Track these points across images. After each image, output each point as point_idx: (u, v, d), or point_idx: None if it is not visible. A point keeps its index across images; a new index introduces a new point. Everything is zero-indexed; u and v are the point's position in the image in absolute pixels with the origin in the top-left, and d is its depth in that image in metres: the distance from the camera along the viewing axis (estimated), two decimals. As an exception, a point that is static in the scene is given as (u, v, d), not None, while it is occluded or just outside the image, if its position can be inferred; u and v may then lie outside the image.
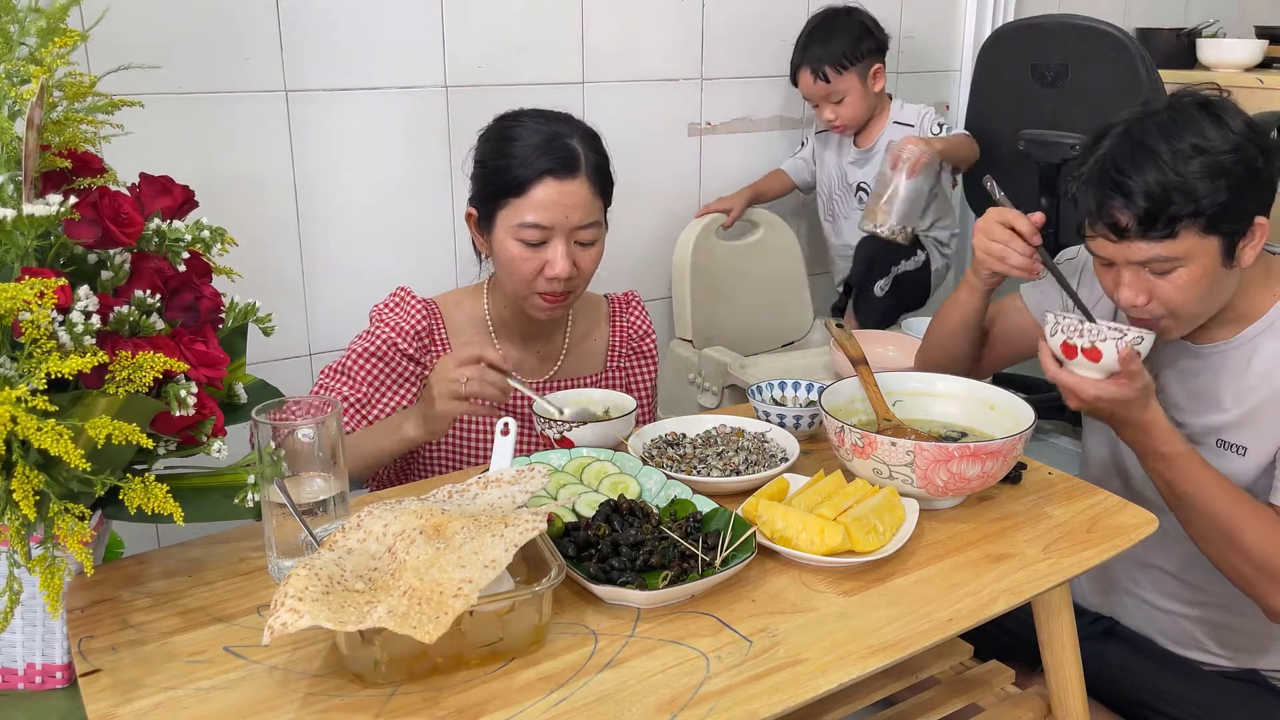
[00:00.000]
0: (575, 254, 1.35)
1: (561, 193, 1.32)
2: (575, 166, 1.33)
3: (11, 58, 0.91)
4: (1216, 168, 1.18)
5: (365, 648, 0.82)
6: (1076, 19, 2.17)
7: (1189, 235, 1.20)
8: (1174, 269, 1.23)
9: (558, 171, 1.32)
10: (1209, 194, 1.18)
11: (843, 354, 1.38)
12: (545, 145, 1.33)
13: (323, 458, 0.97)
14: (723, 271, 2.32)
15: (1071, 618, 1.14)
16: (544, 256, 1.34)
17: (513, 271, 1.36)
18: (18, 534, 0.82)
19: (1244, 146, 1.20)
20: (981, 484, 1.10)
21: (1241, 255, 1.24)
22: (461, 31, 1.94)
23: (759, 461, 1.21)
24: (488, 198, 1.37)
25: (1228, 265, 1.23)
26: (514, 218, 1.33)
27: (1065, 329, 1.22)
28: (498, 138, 1.37)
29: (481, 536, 0.87)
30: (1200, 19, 2.92)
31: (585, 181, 1.34)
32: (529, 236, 1.33)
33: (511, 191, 1.33)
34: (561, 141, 1.34)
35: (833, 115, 2.29)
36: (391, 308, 1.44)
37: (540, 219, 1.32)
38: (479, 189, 1.39)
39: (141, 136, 1.16)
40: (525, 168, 1.32)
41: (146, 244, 0.95)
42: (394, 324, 1.42)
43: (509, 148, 1.34)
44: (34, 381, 0.79)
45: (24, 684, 0.95)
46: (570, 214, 1.33)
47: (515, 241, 1.34)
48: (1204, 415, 1.35)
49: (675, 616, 0.93)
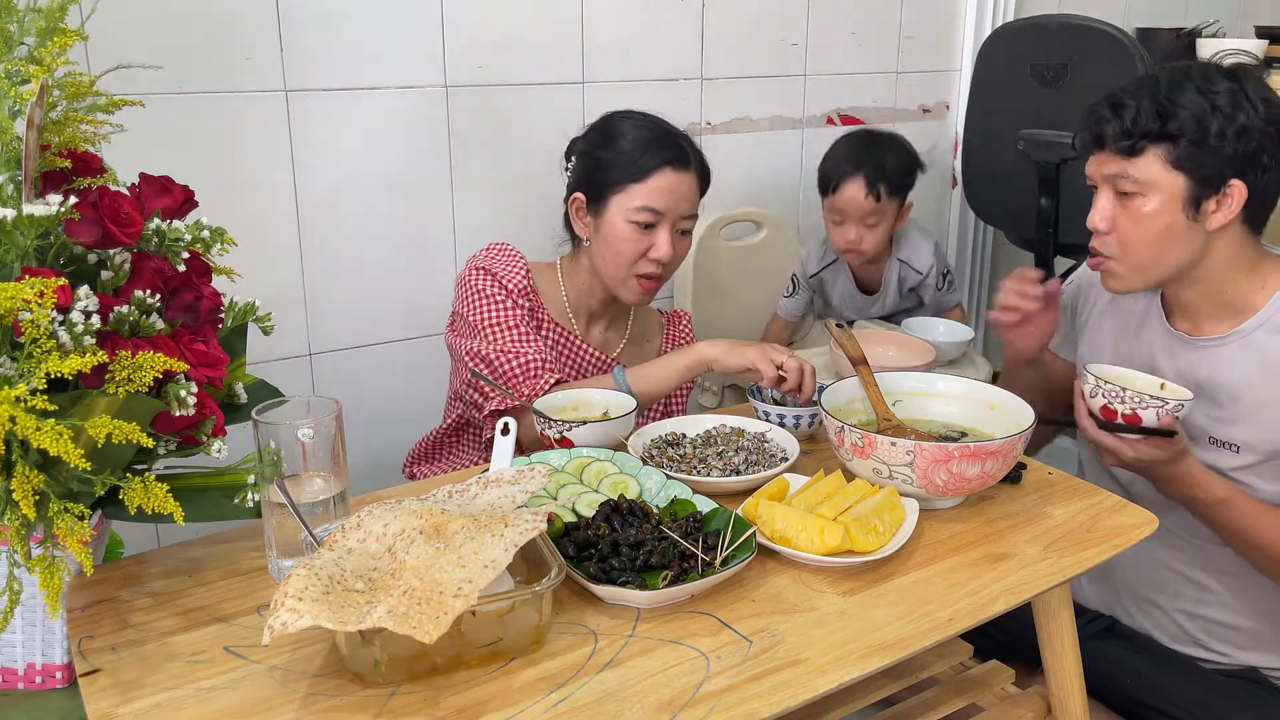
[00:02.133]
0: (675, 241, 1.50)
1: (677, 181, 1.48)
2: (689, 160, 1.50)
3: (11, 57, 0.91)
4: (1204, 106, 1.22)
5: (365, 648, 0.82)
6: (1076, 19, 2.17)
7: (1154, 161, 1.24)
8: (1135, 196, 1.26)
9: (676, 163, 1.48)
10: (1185, 124, 1.22)
11: (843, 354, 1.38)
12: (663, 139, 1.49)
13: (323, 458, 0.97)
14: (723, 272, 2.32)
15: (1071, 617, 1.14)
16: (650, 240, 1.48)
17: (620, 252, 1.49)
18: (18, 534, 0.82)
19: (1245, 106, 1.21)
20: (981, 484, 1.10)
21: (1208, 214, 1.24)
22: (461, 31, 1.94)
23: (759, 461, 1.21)
24: (605, 182, 1.49)
25: (1190, 217, 1.25)
26: (630, 201, 1.47)
27: (1106, 393, 1.25)
28: (610, 132, 1.51)
29: (481, 536, 0.87)
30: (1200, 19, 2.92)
31: (694, 175, 1.51)
32: (643, 219, 1.47)
33: (631, 177, 1.47)
34: (676, 138, 1.50)
35: (856, 238, 2.11)
36: (499, 255, 1.54)
37: (656, 204, 1.47)
38: (592, 174, 1.51)
39: (141, 136, 1.16)
40: (647, 157, 1.47)
41: (146, 244, 0.95)
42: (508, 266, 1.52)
43: (624, 141, 1.49)
44: (34, 381, 0.79)
45: (24, 684, 0.95)
46: (680, 203, 1.49)
47: (628, 224, 1.47)
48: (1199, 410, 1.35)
49: (675, 616, 0.93)
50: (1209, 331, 1.34)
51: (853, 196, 2.09)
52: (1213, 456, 1.34)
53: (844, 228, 2.13)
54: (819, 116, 2.51)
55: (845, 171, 2.10)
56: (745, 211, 2.35)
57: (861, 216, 2.10)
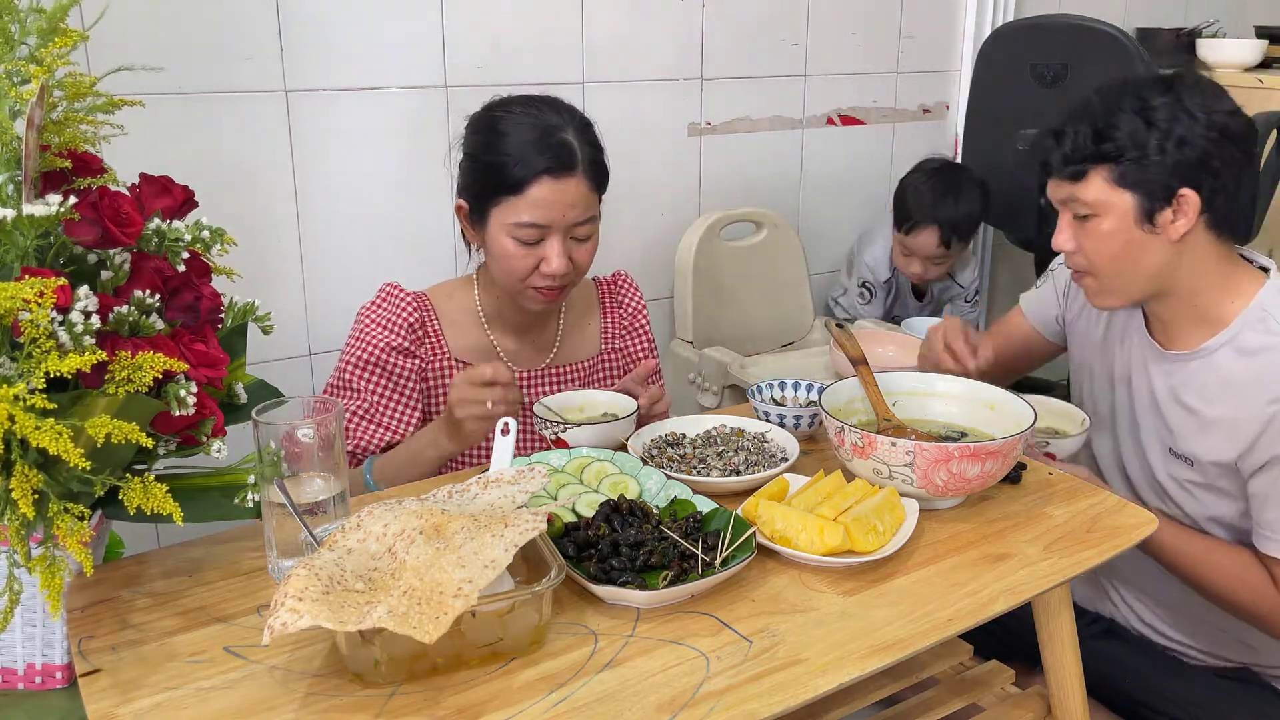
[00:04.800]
0: (571, 249, 1.33)
1: (559, 192, 1.29)
2: (572, 164, 1.30)
3: (12, 57, 0.91)
4: (1138, 124, 1.23)
5: (365, 648, 0.82)
6: (1076, 19, 2.17)
7: (1099, 182, 1.26)
8: (1091, 217, 1.28)
9: (555, 170, 1.28)
10: (1122, 144, 1.23)
11: (843, 354, 1.38)
12: (541, 142, 1.29)
13: (323, 458, 0.97)
14: (724, 272, 2.32)
15: (1071, 617, 1.14)
16: (540, 254, 1.32)
17: (508, 268, 1.34)
18: (18, 534, 0.82)
19: (1183, 117, 1.22)
20: (981, 484, 1.10)
21: (1166, 225, 1.25)
22: (461, 31, 1.94)
23: (759, 461, 1.21)
24: (481, 193, 1.33)
25: (1146, 229, 1.26)
26: (509, 216, 1.30)
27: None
28: (489, 130, 1.33)
29: (481, 536, 0.87)
30: (1200, 19, 2.92)
31: (582, 178, 1.31)
32: (525, 235, 1.31)
33: (507, 190, 1.29)
34: (557, 137, 1.30)
35: (921, 271, 2.33)
36: (380, 306, 1.42)
37: (537, 218, 1.29)
38: (471, 183, 1.36)
39: (141, 136, 1.16)
40: (521, 166, 1.28)
41: (146, 244, 0.95)
42: (384, 322, 1.40)
43: (502, 143, 1.30)
44: (33, 381, 0.79)
45: (24, 684, 0.95)
46: (567, 212, 1.30)
47: (510, 240, 1.31)
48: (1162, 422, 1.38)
49: (675, 616, 0.93)
50: (1180, 344, 1.34)
51: (926, 242, 2.27)
52: (1173, 468, 1.37)
53: (911, 259, 2.32)
54: (819, 116, 2.51)
55: (922, 219, 2.25)
56: (745, 211, 2.36)
57: (930, 258, 2.30)
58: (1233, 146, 1.23)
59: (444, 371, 1.44)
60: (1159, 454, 1.39)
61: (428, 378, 1.43)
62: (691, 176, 2.35)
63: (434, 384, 1.44)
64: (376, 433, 1.39)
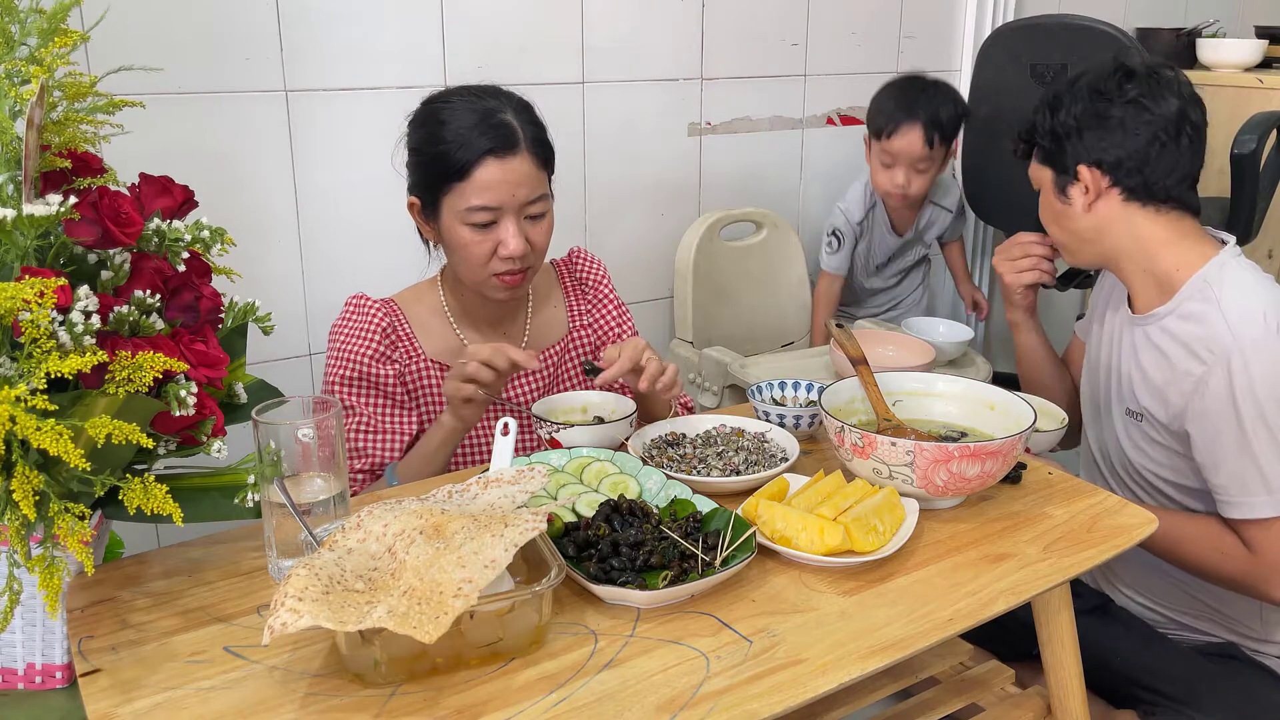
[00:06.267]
0: (527, 230, 1.34)
1: (505, 171, 1.30)
2: (515, 142, 1.31)
3: (12, 58, 0.91)
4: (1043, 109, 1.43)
5: (365, 648, 0.82)
6: (1076, 19, 2.17)
7: (1034, 160, 1.47)
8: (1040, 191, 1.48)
9: (498, 150, 1.29)
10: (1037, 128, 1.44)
11: (843, 354, 1.38)
12: (481, 124, 1.30)
13: (323, 458, 0.97)
14: (724, 272, 2.32)
15: (1071, 618, 1.14)
16: (496, 237, 1.32)
17: (466, 257, 1.34)
18: (18, 534, 0.82)
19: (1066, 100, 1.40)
20: (981, 484, 1.10)
21: (1076, 198, 1.41)
22: (461, 31, 1.94)
23: (759, 461, 1.21)
24: (430, 185, 1.34)
25: (1063, 201, 1.43)
26: (460, 203, 1.31)
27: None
28: (430, 122, 1.34)
29: (481, 536, 0.87)
30: (1200, 19, 2.92)
31: (527, 156, 1.32)
32: (478, 219, 1.31)
33: (453, 176, 1.30)
34: (497, 118, 1.31)
35: (905, 181, 2.22)
36: (349, 319, 1.42)
37: (487, 200, 1.30)
38: (419, 177, 1.37)
39: (141, 136, 1.16)
40: (464, 150, 1.29)
41: (146, 244, 0.95)
42: (358, 332, 1.40)
43: (443, 131, 1.31)
44: (34, 381, 0.79)
45: (24, 684, 0.95)
46: (516, 191, 1.31)
47: (465, 227, 1.32)
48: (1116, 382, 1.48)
49: (675, 616, 0.93)
50: (1141, 309, 1.44)
51: (908, 143, 2.19)
52: (1130, 428, 1.46)
53: (893, 171, 2.23)
54: (819, 116, 2.51)
55: (901, 118, 2.18)
56: (745, 211, 2.36)
57: (913, 162, 2.21)
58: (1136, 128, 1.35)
59: (422, 373, 1.43)
60: (1119, 415, 1.48)
61: (406, 382, 1.43)
62: (691, 176, 2.35)
63: (413, 387, 1.44)
64: (386, 440, 1.39)
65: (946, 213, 2.42)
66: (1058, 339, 1.75)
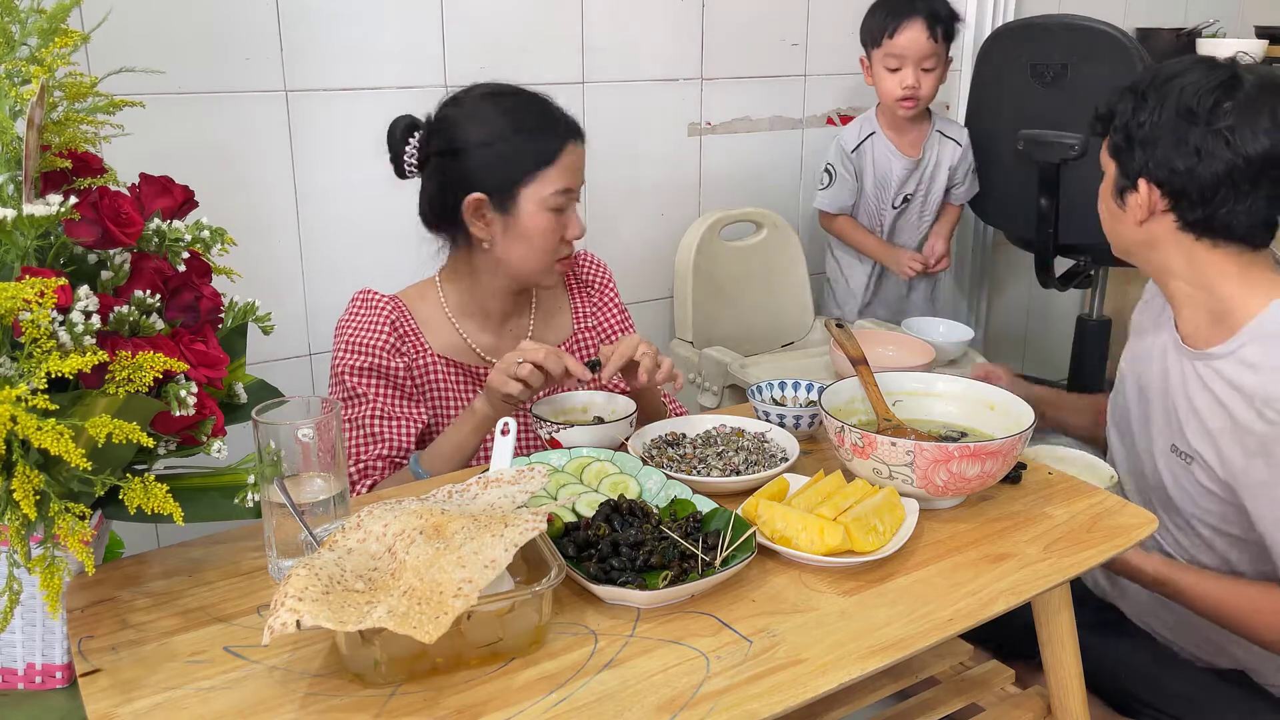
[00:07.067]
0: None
1: (579, 156, 1.39)
2: (582, 131, 1.41)
3: (12, 58, 0.91)
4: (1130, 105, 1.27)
5: (365, 648, 0.82)
6: (1076, 19, 2.17)
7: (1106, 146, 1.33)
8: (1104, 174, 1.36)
9: (575, 136, 1.39)
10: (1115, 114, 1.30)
11: (843, 354, 1.38)
12: (552, 113, 1.38)
13: (323, 458, 0.97)
14: (724, 272, 2.32)
15: (1071, 617, 1.14)
16: (565, 221, 1.39)
17: (542, 245, 1.38)
18: (18, 534, 0.82)
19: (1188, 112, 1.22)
20: (981, 484, 1.10)
21: (1132, 208, 1.30)
22: (461, 31, 1.94)
23: (759, 461, 1.21)
24: (508, 176, 1.35)
25: (1118, 203, 1.32)
26: (545, 188, 1.35)
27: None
28: (491, 119, 1.37)
29: (481, 536, 0.87)
30: (1200, 19, 2.92)
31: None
32: (561, 203, 1.37)
33: (542, 162, 1.35)
34: (560, 110, 1.40)
35: (915, 82, 2.17)
36: (358, 313, 1.42)
37: (571, 183, 1.37)
38: (492, 171, 1.35)
39: (141, 136, 1.16)
40: (551, 137, 1.36)
41: (146, 244, 0.95)
42: (368, 326, 1.41)
43: (521, 120, 1.36)
44: (34, 381, 0.79)
45: (24, 684, 0.95)
46: (582, 175, 1.40)
47: (547, 213, 1.36)
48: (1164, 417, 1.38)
49: (675, 616, 0.93)
50: (1194, 343, 1.33)
51: (914, 38, 2.15)
52: (1171, 463, 1.36)
53: (901, 74, 2.19)
54: (819, 116, 2.51)
55: (904, 13, 2.15)
56: (745, 212, 2.36)
57: (920, 59, 2.17)
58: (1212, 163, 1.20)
59: (429, 368, 1.44)
60: (1163, 449, 1.38)
61: (414, 376, 1.43)
62: (691, 176, 2.35)
63: (421, 382, 1.44)
64: (403, 426, 1.40)
65: (955, 145, 2.33)
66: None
